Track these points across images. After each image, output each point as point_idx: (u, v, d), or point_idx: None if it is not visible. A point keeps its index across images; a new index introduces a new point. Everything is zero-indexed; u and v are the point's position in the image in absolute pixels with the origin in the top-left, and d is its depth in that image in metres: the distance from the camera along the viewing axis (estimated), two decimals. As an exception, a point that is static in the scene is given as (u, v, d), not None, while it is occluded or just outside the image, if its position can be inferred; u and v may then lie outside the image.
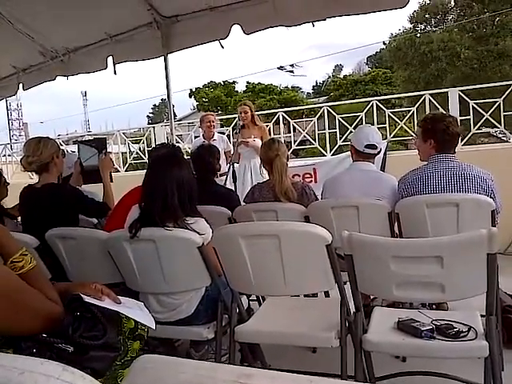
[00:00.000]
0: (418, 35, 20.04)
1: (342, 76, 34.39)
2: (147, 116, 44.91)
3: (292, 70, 30.44)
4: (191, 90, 31.24)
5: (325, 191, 3.11)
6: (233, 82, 31.29)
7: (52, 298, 1.30)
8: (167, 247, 2.12)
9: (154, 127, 7.87)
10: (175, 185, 2.17)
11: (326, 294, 2.78)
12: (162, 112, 41.91)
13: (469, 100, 5.69)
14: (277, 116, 6.75)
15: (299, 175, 5.53)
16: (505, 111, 5.62)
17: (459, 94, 5.75)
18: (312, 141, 6.64)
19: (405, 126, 6.24)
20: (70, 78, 4.75)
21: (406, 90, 18.25)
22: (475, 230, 1.72)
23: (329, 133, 6.45)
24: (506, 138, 8.31)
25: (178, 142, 6.96)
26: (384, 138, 5.25)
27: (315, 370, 2.30)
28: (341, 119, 6.36)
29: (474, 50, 17.85)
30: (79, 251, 2.44)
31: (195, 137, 6.97)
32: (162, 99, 40.55)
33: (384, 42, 23.33)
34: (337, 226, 2.67)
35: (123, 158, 7.71)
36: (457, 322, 1.89)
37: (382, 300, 2.78)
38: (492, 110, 5.68)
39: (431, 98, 5.88)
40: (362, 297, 2.00)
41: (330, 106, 6.54)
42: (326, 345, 1.97)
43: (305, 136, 6.82)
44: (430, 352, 1.85)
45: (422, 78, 19.01)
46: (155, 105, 44.88)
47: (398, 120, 6.27)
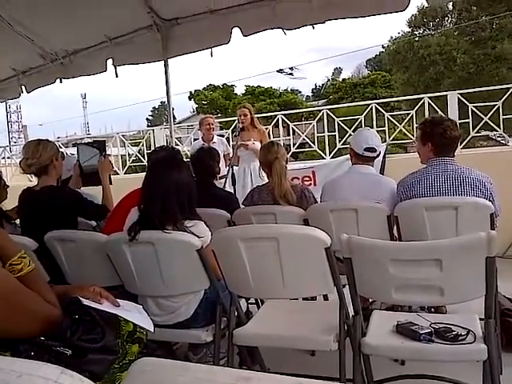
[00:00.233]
0: (417, 39, 20.07)
1: (341, 79, 34.44)
2: (146, 119, 44.95)
3: (291, 73, 30.50)
4: (191, 92, 31.26)
5: (324, 194, 3.11)
6: (232, 85, 31.32)
7: (50, 301, 1.30)
8: (166, 250, 2.11)
9: (154, 130, 7.88)
10: (175, 187, 2.17)
11: (325, 298, 2.77)
12: (161, 115, 41.91)
13: (468, 103, 5.70)
14: (276, 119, 6.76)
15: (298, 178, 5.53)
16: (504, 114, 5.63)
17: (458, 98, 5.76)
18: (311, 144, 6.64)
19: (404, 130, 6.24)
20: (69, 80, 4.76)
21: (405, 93, 18.28)
22: (474, 234, 1.72)
23: (328, 136, 6.46)
24: (504, 142, 8.32)
25: (178, 145, 6.95)
26: (383, 141, 5.26)
27: (314, 373, 2.30)
28: (340, 122, 6.37)
29: (471, 54, 17.85)
30: (78, 254, 2.43)
31: (194, 139, 6.97)
32: (162, 102, 40.57)
33: (383, 46, 23.40)
34: (336, 229, 2.67)
35: (122, 161, 7.72)
36: (455, 325, 1.89)
37: (380, 303, 2.78)
38: (491, 113, 5.69)
39: (430, 102, 5.89)
40: (360, 300, 2.00)
41: (329, 109, 6.55)
42: (325, 348, 1.97)
43: (304, 139, 6.83)
44: (428, 355, 1.86)
45: (421, 82, 19.02)
46: (155, 107, 44.91)
47: (397, 123, 6.28)
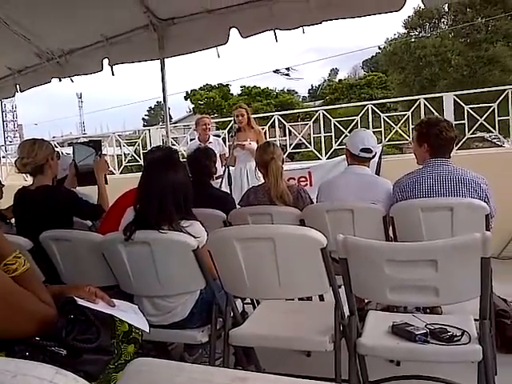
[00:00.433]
0: (413, 40, 20.13)
1: (337, 80, 34.50)
2: (142, 118, 44.86)
3: (288, 74, 30.50)
4: (187, 92, 31.21)
5: (320, 195, 3.11)
6: (227, 85, 31.27)
7: (45, 301, 1.30)
8: (162, 250, 2.11)
9: (150, 130, 7.87)
10: (171, 188, 2.16)
11: (321, 298, 2.78)
12: (157, 114, 41.83)
13: (463, 105, 5.73)
14: (272, 119, 6.77)
15: (294, 178, 5.52)
16: (499, 116, 5.66)
17: (454, 99, 5.79)
18: (307, 144, 6.66)
19: (400, 130, 6.26)
20: (65, 79, 4.74)
21: (401, 94, 18.33)
22: (469, 234, 1.73)
23: (324, 136, 6.47)
24: (500, 143, 8.36)
25: (174, 145, 6.95)
26: (379, 142, 5.26)
27: (309, 373, 2.29)
28: (336, 123, 6.39)
29: (465, 56, 17.91)
30: (73, 253, 2.42)
31: (191, 139, 6.97)
32: (158, 102, 40.48)
33: (379, 47, 23.45)
34: (332, 229, 2.67)
35: (118, 161, 7.70)
36: (451, 326, 1.90)
37: (376, 304, 2.79)
38: (486, 114, 5.72)
39: (426, 103, 5.91)
40: (356, 300, 2.00)
41: (325, 110, 6.56)
42: (320, 348, 1.97)
43: (300, 139, 6.84)
44: (423, 356, 1.86)
45: (416, 82, 19.08)
46: (151, 107, 44.82)
47: (393, 124, 6.30)
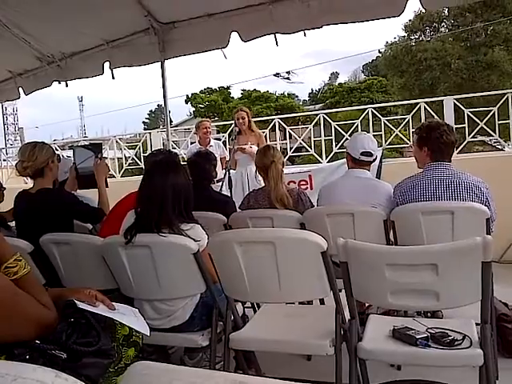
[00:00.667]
0: (414, 43, 20.18)
1: (337, 83, 34.55)
2: (143, 122, 44.86)
3: (288, 78, 30.52)
4: (187, 95, 31.26)
5: (320, 198, 3.11)
6: (227, 88, 31.31)
7: (46, 304, 1.29)
8: (162, 253, 2.11)
9: (150, 133, 7.88)
10: (171, 191, 2.16)
11: (321, 302, 2.77)
12: (157, 118, 41.87)
13: (464, 108, 5.73)
14: (273, 123, 6.77)
15: (295, 182, 5.53)
16: (499, 120, 5.66)
17: (454, 103, 5.79)
18: (308, 148, 6.66)
19: (400, 134, 6.27)
20: (65, 82, 4.75)
21: (402, 97, 18.35)
22: (470, 238, 1.72)
23: (325, 140, 6.48)
24: (500, 147, 8.36)
25: (174, 148, 6.96)
26: (379, 146, 5.27)
27: (310, 377, 2.30)
28: (337, 126, 6.39)
29: (465, 60, 17.95)
30: (74, 257, 2.42)
31: (191, 143, 6.97)
32: (158, 105, 40.54)
33: (380, 51, 23.51)
34: (332, 233, 2.67)
35: (119, 164, 7.70)
36: (452, 330, 1.89)
37: (377, 308, 2.78)
38: (487, 118, 5.72)
39: (426, 106, 5.91)
40: (357, 304, 1.99)
41: (325, 114, 6.57)
42: (321, 353, 1.97)
43: (301, 143, 6.84)
44: (424, 360, 1.85)
45: (416, 85, 19.11)
46: (151, 110, 44.87)
47: (393, 128, 6.31)
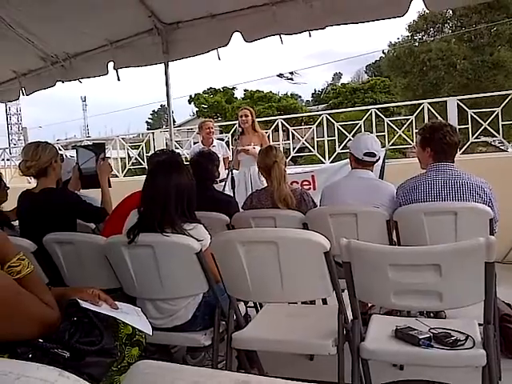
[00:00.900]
0: (417, 44, 20.15)
1: (340, 84, 34.49)
2: (146, 122, 44.90)
3: (291, 78, 30.50)
4: (191, 95, 31.26)
5: (323, 198, 3.11)
6: (232, 88, 31.32)
7: (49, 303, 1.30)
8: (165, 253, 2.11)
9: (153, 133, 7.89)
10: (174, 191, 2.16)
11: (324, 302, 2.77)
12: (160, 118, 41.91)
13: (467, 109, 5.72)
14: (276, 123, 6.77)
15: (298, 182, 5.53)
16: (503, 121, 5.65)
17: (457, 103, 5.78)
18: (311, 148, 6.65)
19: (403, 135, 6.25)
20: (69, 83, 4.76)
21: (405, 98, 18.33)
22: (473, 239, 1.72)
23: (327, 140, 6.47)
24: (504, 148, 8.34)
25: (177, 148, 6.97)
26: (382, 146, 5.26)
27: (312, 377, 2.30)
28: (340, 127, 6.38)
29: (471, 60, 17.94)
30: (77, 256, 2.43)
31: (194, 143, 6.98)
32: (161, 105, 40.58)
33: (383, 51, 23.45)
34: (335, 233, 2.67)
35: (122, 164, 7.72)
36: (454, 330, 1.89)
37: (379, 308, 2.78)
38: (490, 119, 5.71)
39: (430, 107, 5.90)
40: (359, 305, 1.99)
41: (328, 114, 6.56)
42: (324, 352, 1.97)
43: (303, 143, 6.84)
44: (427, 360, 1.85)
45: (420, 86, 19.09)
46: (154, 111, 44.91)
47: (396, 128, 6.29)
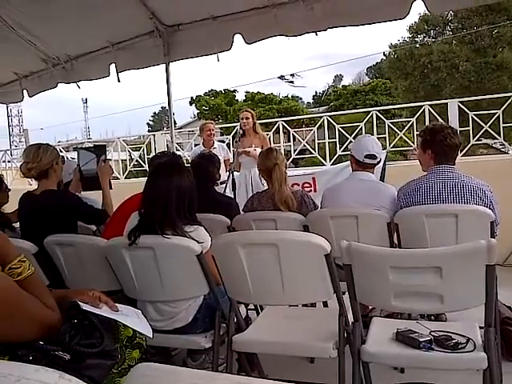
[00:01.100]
0: (418, 46, 20.16)
1: (341, 86, 34.48)
2: (147, 124, 44.91)
3: (292, 81, 30.44)
4: (192, 97, 31.31)
5: (324, 200, 3.11)
6: (233, 91, 31.36)
7: (49, 305, 1.30)
8: (166, 255, 2.11)
9: (154, 135, 7.89)
10: (175, 193, 2.16)
11: (325, 304, 2.77)
12: (161, 120, 41.91)
13: (468, 111, 5.72)
14: (277, 125, 6.78)
15: (299, 184, 5.52)
16: (504, 123, 5.64)
17: (458, 105, 5.78)
18: (312, 150, 6.65)
19: (404, 137, 6.25)
20: (71, 85, 4.77)
21: (406, 100, 18.33)
22: (474, 241, 1.72)
23: (328, 142, 6.48)
24: (505, 150, 8.33)
25: (178, 150, 6.96)
26: (383, 149, 5.26)
27: (313, 380, 2.29)
28: (341, 129, 6.39)
29: (473, 62, 17.94)
30: (78, 258, 2.43)
31: (195, 145, 6.98)
32: (162, 107, 40.59)
33: (384, 53, 23.44)
34: (336, 235, 2.66)
35: (123, 166, 7.72)
36: (455, 333, 1.88)
37: (380, 310, 2.77)
38: (491, 121, 5.70)
39: (431, 109, 5.90)
40: (360, 307, 1.99)
41: (330, 116, 6.56)
42: (324, 355, 1.96)
43: (304, 145, 6.84)
44: (428, 363, 1.85)
45: (421, 88, 19.09)
46: (155, 112, 44.92)
47: (397, 130, 6.29)
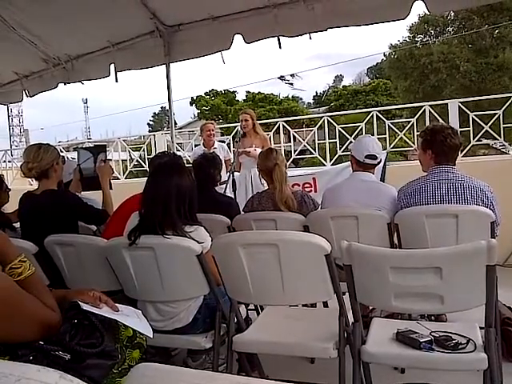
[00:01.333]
0: (419, 46, 20.15)
1: (342, 86, 34.48)
2: (148, 124, 44.91)
3: (292, 83, 30.37)
4: (192, 98, 31.32)
5: (324, 201, 3.11)
6: (233, 91, 31.38)
7: (50, 305, 1.30)
8: (166, 255, 2.11)
9: (155, 135, 7.89)
10: (176, 193, 2.17)
11: (325, 305, 2.77)
12: (162, 120, 41.92)
13: (468, 112, 5.72)
14: (277, 125, 6.78)
15: (299, 184, 5.52)
16: (504, 123, 5.64)
17: (459, 106, 5.78)
18: (312, 150, 6.65)
19: (404, 137, 6.25)
20: (71, 85, 4.78)
21: (406, 100, 18.32)
22: (474, 242, 1.72)
23: (329, 143, 6.47)
24: (505, 150, 8.32)
25: (179, 150, 6.96)
26: (384, 149, 5.26)
27: (313, 380, 2.29)
28: (341, 129, 6.39)
29: (474, 62, 17.94)
30: (78, 258, 2.43)
31: (195, 145, 6.98)
32: (162, 107, 40.61)
33: (384, 54, 23.44)
34: (336, 235, 2.67)
35: (123, 166, 7.72)
36: (456, 333, 1.88)
37: (380, 311, 2.77)
38: (492, 121, 5.70)
39: (431, 110, 5.90)
40: (360, 307, 1.99)
41: (330, 116, 6.56)
42: (324, 355, 1.96)
43: (305, 146, 6.84)
44: (428, 364, 1.84)
45: (421, 89, 19.09)
46: (155, 113, 44.93)
47: (397, 131, 6.29)
